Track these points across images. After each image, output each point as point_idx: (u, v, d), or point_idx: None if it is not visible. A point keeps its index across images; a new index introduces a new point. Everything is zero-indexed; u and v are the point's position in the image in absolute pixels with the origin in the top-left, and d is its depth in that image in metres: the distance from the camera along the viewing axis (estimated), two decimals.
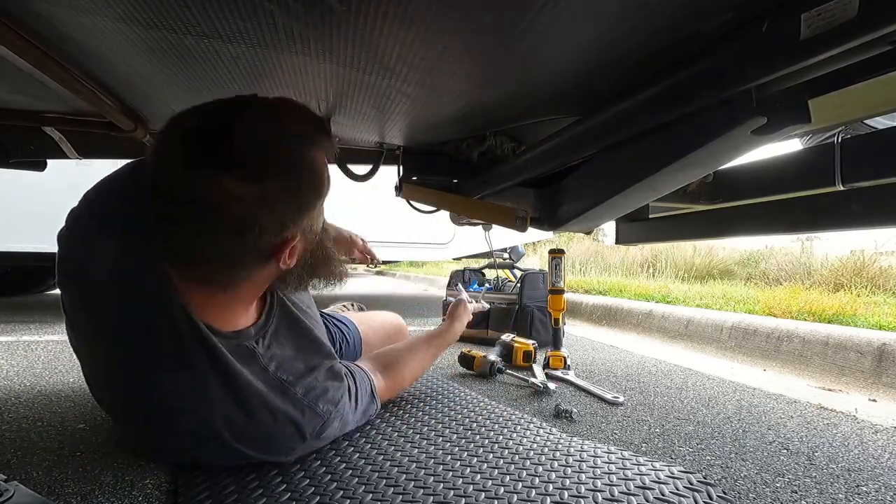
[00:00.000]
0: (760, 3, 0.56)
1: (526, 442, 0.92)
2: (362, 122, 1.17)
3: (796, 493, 0.80)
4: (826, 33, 0.48)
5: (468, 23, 0.65)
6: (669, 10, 0.60)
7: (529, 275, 2.24)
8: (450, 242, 3.75)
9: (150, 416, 0.73)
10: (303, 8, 0.64)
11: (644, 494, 0.72)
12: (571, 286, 4.20)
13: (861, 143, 0.84)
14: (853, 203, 0.87)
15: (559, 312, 1.64)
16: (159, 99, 1.07)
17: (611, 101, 0.86)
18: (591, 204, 1.00)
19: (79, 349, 0.80)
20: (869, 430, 1.15)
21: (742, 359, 2.06)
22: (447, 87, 0.88)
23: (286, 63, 0.83)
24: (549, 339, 1.72)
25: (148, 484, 0.76)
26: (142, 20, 0.70)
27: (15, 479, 0.68)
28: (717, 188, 1.13)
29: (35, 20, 0.72)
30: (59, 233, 0.77)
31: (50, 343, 1.97)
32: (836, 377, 1.71)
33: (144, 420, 0.75)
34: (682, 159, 0.75)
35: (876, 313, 2.16)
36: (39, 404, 1.15)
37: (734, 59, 0.62)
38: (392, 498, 0.69)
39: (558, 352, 1.61)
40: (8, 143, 1.33)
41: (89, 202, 0.79)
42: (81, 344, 0.78)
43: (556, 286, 1.64)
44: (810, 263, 4.18)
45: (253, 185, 0.62)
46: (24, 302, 3.67)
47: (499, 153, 1.33)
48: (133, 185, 0.76)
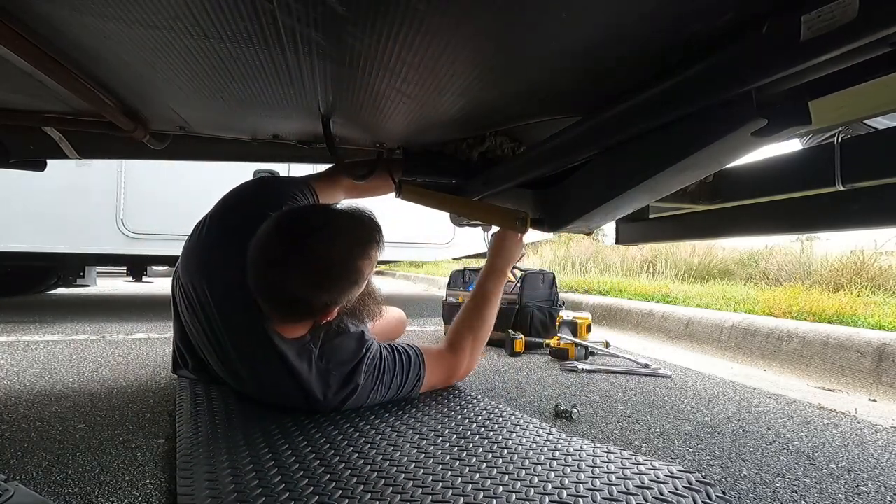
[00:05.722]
0: (760, 5, 0.56)
1: (525, 442, 0.92)
2: (362, 122, 1.17)
3: (796, 493, 0.80)
4: (826, 35, 0.48)
5: (469, 22, 0.65)
6: (669, 11, 0.60)
7: (529, 275, 2.24)
8: (450, 242, 3.76)
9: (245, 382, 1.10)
10: (303, 8, 0.64)
11: (643, 494, 0.72)
12: (571, 286, 4.20)
13: (861, 143, 0.84)
14: (853, 203, 0.87)
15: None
16: (159, 99, 1.07)
17: (611, 101, 0.86)
18: (592, 205, 1.00)
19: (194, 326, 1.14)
20: (869, 430, 1.15)
21: (742, 359, 2.06)
22: (447, 86, 0.88)
23: (286, 63, 0.82)
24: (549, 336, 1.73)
25: (148, 484, 0.76)
26: (142, 20, 0.70)
27: (15, 479, 0.68)
28: (717, 188, 1.12)
29: (35, 20, 0.72)
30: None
31: (50, 343, 1.97)
32: (836, 377, 1.71)
33: (246, 383, 1.10)
34: (684, 161, 0.75)
35: (876, 313, 2.16)
36: (39, 404, 1.15)
37: (735, 61, 0.62)
38: (391, 497, 0.69)
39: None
40: (8, 143, 1.33)
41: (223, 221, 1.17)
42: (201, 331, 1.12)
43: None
44: (810, 263, 4.17)
45: (313, 286, 0.94)
46: (24, 302, 3.67)
47: (499, 153, 1.32)
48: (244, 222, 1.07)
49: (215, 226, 1.14)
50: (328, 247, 0.95)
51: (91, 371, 1.50)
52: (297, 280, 0.94)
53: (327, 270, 0.95)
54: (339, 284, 0.97)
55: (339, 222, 0.99)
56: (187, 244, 1.16)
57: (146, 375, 1.47)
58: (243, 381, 1.10)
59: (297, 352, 1.02)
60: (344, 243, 0.97)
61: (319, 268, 0.94)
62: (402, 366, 1.13)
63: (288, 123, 1.22)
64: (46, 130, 1.25)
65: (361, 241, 0.99)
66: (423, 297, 5.11)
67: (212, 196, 1.26)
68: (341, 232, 0.98)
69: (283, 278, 0.94)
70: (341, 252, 0.96)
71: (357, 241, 0.99)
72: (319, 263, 0.94)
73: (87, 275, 4.63)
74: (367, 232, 1.00)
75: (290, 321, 1.01)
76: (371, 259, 1.00)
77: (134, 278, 4.85)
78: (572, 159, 1.01)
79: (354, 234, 0.99)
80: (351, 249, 0.98)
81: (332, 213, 1.02)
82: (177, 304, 1.21)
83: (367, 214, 1.02)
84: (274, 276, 0.95)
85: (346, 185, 1.38)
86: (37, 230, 3.04)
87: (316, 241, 0.95)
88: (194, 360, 1.27)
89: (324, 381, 1.04)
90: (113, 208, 3.14)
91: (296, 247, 0.94)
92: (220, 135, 1.31)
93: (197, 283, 1.08)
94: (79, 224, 3.08)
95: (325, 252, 0.95)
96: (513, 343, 1.95)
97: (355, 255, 0.98)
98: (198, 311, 1.09)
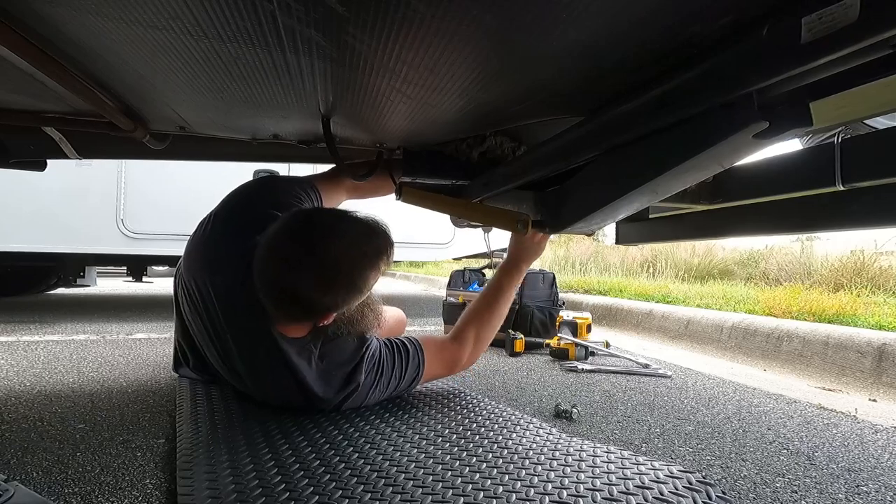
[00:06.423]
0: (761, 7, 0.56)
1: (525, 442, 0.92)
2: (362, 122, 1.17)
3: (796, 493, 0.80)
4: (827, 37, 0.48)
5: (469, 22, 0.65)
6: (669, 11, 0.60)
7: (529, 275, 2.24)
8: (450, 242, 3.76)
9: (246, 379, 1.11)
10: (303, 8, 0.64)
11: (643, 494, 0.72)
12: (571, 286, 4.20)
13: (861, 143, 0.84)
14: (853, 203, 0.86)
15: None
16: (159, 99, 1.06)
17: (611, 103, 0.86)
18: (593, 207, 1.00)
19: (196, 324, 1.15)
20: (869, 430, 1.15)
21: (742, 359, 2.06)
22: (447, 87, 0.88)
23: (286, 63, 0.82)
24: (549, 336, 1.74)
25: (148, 484, 0.76)
26: (142, 20, 0.70)
27: (15, 479, 0.68)
28: (717, 188, 1.12)
29: (35, 20, 0.72)
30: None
31: (50, 343, 1.97)
32: (836, 377, 1.71)
33: (247, 382, 1.11)
34: (685, 163, 0.75)
35: (876, 313, 2.16)
36: (39, 404, 1.15)
37: (735, 63, 0.62)
38: (391, 497, 0.69)
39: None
40: (8, 143, 1.33)
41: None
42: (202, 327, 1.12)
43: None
44: (810, 263, 4.17)
45: (319, 287, 0.95)
46: (24, 302, 3.67)
47: (499, 153, 1.32)
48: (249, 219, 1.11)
49: (219, 224, 1.15)
50: (341, 252, 0.96)
51: (91, 371, 1.50)
52: (305, 280, 0.95)
53: (335, 274, 0.96)
54: (343, 289, 0.98)
55: (355, 230, 1.01)
56: (191, 242, 1.17)
57: (146, 375, 1.47)
58: (244, 379, 1.10)
59: (297, 351, 1.02)
60: (357, 251, 0.98)
61: (329, 271, 0.96)
62: (402, 362, 1.13)
63: (288, 123, 1.22)
64: (46, 130, 1.25)
65: (374, 251, 1.00)
66: (423, 297, 5.11)
67: (212, 196, 1.26)
68: (356, 240, 0.99)
69: (291, 276, 0.95)
70: (353, 259, 0.98)
71: (369, 251, 1.00)
72: (329, 267, 0.96)
73: (87, 275, 4.64)
74: (379, 243, 1.02)
75: (291, 321, 1.02)
76: (379, 270, 1.02)
77: (134, 278, 4.85)
78: (573, 161, 1.01)
79: (369, 243, 1.00)
80: (362, 258, 0.99)
81: (349, 220, 1.03)
82: (179, 302, 1.21)
83: (383, 226, 1.03)
84: (281, 273, 0.96)
85: (347, 185, 1.39)
86: (37, 230, 3.04)
87: (330, 244, 0.96)
88: (195, 358, 1.27)
89: (324, 380, 1.04)
90: (113, 208, 3.14)
91: (309, 247, 0.95)
92: (220, 135, 1.31)
93: (200, 280, 1.09)
94: (79, 224, 3.08)
95: (337, 256, 0.96)
96: (513, 343, 1.95)
97: (365, 264, 0.99)
98: (200, 308, 1.09)
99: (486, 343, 1.27)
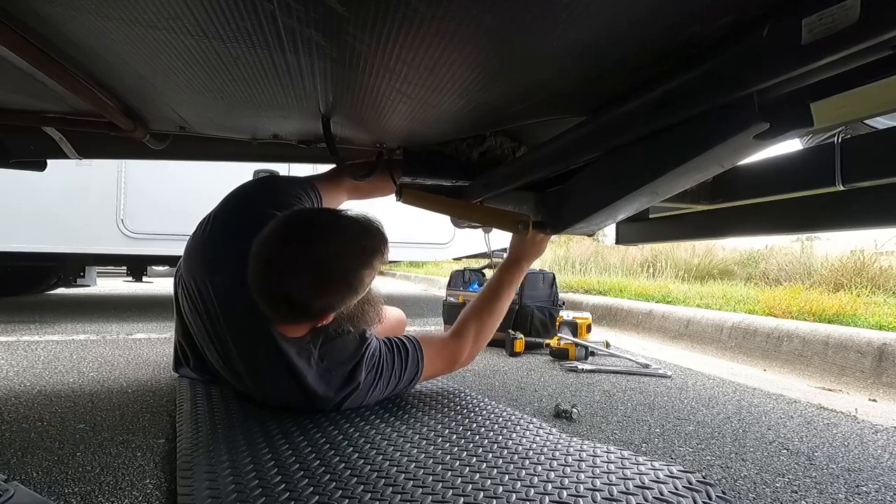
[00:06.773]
0: (761, 8, 0.56)
1: (525, 442, 0.92)
2: (362, 122, 1.17)
3: (796, 493, 0.80)
4: (827, 38, 0.48)
5: (469, 22, 0.65)
6: (669, 12, 0.60)
7: (529, 275, 2.24)
8: (450, 243, 3.75)
9: (247, 380, 1.11)
10: (303, 8, 0.64)
11: (643, 494, 0.72)
12: (571, 286, 4.20)
13: (861, 143, 0.84)
14: (853, 203, 0.86)
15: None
16: (159, 99, 1.06)
17: (613, 102, 0.86)
18: (594, 207, 1.00)
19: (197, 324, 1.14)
20: (869, 430, 1.15)
21: (742, 359, 2.06)
22: (447, 87, 0.88)
23: (286, 63, 0.82)
24: (549, 336, 1.74)
25: (148, 484, 0.76)
26: (142, 20, 0.69)
27: (15, 479, 0.68)
28: (717, 188, 1.12)
29: (35, 20, 0.72)
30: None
31: (50, 343, 1.97)
32: (836, 377, 1.71)
33: (248, 383, 1.11)
34: (686, 164, 0.75)
35: (876, 313, 2.16)
36: (39, 404, 1.15)
37: (735, 64, 0.62)
38: (391, 497, 0.69)
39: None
40: (8, 143, 1.33)
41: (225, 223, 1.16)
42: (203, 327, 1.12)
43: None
44: (810, 263, 4.17)
45: (313, 289, 0.95)
46: (24, 302, 3.67)
47: (499, 153, 1.32)
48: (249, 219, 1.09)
49: (219, 223, 1.15)
50: (333, 252, 0.96)
51: (91, 371, 1.50)
52: (298, 282, 0.94)
53: (329, 276, 0.96)
54: (339, 290, 0.98)
55: (347, 229, 1.00)
56: (191, 241, 1.17)
57: (146, 375, 1.47)
58: (244, 379, 1.10)
59: (297, 351, 1.02)
60: (349, 251, 0.98)
61: (322, 272, 0.95)
62: (402, 360, 1.13)
63: (288, 123, 1.22)
64: (46, 130, 1.24)
65: (367, 250, 1.00)
66: (423, 297, 5.12)
67: (211, 196, 1.26)
68: (348, 239, 0.98)
69: (284, 279, 0.94)
70: (345, 259, 0.97)
71: (362, 250, 0.99)
72: (322, 268, 0.95)
73: (87, 275, 4.64)
74: (373, 242, 1.01)
75: (288, 321, 1.02)
76: (373, 269, 1.01)
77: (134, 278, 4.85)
78: (573, 161, 1.01)
79: (361, 242, 1.00)
80: (355, 258, 0.98)
81: (340, 219, 1.02)
82: (179, 302, 1.21)
83: (376, 224, 1.03)
84: (275, 276, 0.95)
85: (348, 185, 1.39)
86: (37, 230, 3.04)
87: (322, 245, 0.96)
88: (196, 358, 1.27)
89: (324, 380, 1.04)
90: (113, 208, 3.14)
91: (301, 249, 0.95)
92: (220, 135, 1.31)
93: (200, 280, 1.09)
94: (79, 224, 3.08)
95: (330, 257, 0.96)
96: (513, 343, 1.95)
97: (358, 264, 0.99)
98: (200, 308, 1.09)
99: (485, 340, 1.27)
